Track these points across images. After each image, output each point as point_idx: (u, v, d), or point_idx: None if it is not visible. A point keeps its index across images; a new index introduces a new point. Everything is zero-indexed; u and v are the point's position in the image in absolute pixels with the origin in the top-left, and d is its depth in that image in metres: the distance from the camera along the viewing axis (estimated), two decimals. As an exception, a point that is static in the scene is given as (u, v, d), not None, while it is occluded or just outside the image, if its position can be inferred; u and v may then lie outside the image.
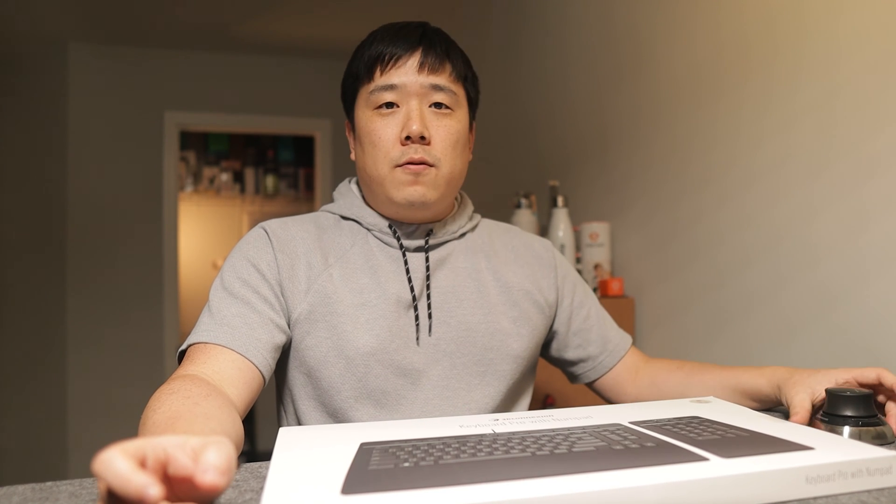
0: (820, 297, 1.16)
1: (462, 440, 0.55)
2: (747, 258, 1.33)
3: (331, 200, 0.97)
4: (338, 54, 3.68)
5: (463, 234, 0.92)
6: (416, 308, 0.84)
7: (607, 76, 1.83)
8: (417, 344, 0.84)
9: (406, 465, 0.48)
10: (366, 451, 0.53)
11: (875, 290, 1.06)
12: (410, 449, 0.53)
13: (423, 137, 0.81)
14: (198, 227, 4.53)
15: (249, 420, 4.21)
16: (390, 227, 0.87)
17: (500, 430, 0.59)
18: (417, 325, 0.84)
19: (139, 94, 3.52)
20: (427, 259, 0.87)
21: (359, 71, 0.86)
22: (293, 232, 0.86)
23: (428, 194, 0.83)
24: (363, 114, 0.85)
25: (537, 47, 2.28)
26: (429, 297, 0.85)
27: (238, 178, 4.55)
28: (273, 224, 0.87)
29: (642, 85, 1.67)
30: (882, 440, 0.64)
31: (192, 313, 4.21)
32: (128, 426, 3.22)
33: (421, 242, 0.87)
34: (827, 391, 0.67)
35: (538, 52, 2.27)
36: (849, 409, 0.65)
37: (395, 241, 0.87)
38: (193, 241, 4.49)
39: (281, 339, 0.80)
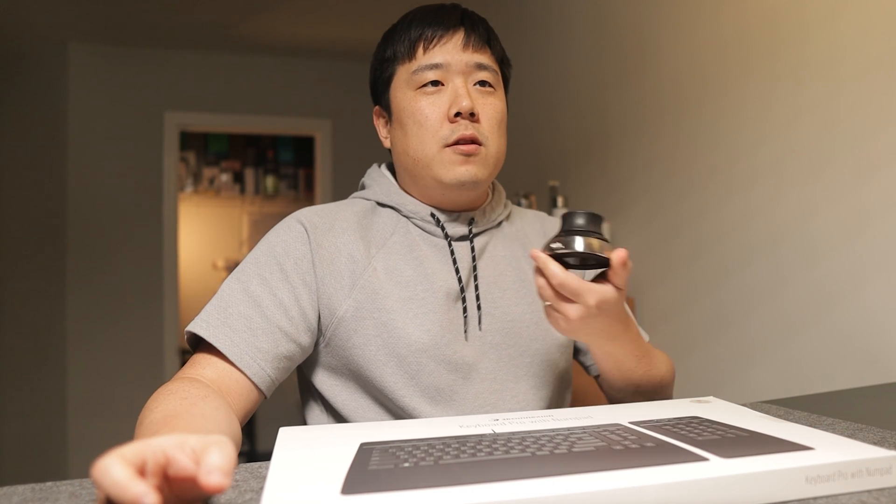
0: (820, 295, 1.16)
1: (462, 440, 0.55)
2: (748, 257, 1.33)
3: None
4: (338, 54, 3.68)
5: (499, 223, 0.90)
6: (464, 300, 0.81)
7: (608, 75, 1.83)
8: (465, 337, 0.81)
9: (406, 465, 0.48)
10: (366, 451, 0.53)
11: (875, 290, 1.06)
12: (410, 449, 0.53)
13: (472, 114, 0.78)
14: (198, 227, 4.52)
15: (249, 420, 4.21)
16: (433, 215, 0.83)
17: (499, 430, 0.59)
18: (466, 317, 0.81)
19: (139, 94, 3.52)
20: (473, 249, 0.83)
21: (396, 52, 0.82)
22: (332, 221, 0.82)
23: (479, 173, 0.79)
24: (404, 95, 0.81)
25: (538, 46, 2.28)
26: (476, 287, 0.82)
27: (238, 178, 4.55)
28: (309, 214, 0.82)
29: (642, 85, 1.67)
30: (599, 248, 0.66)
31: (192, 313, 4.19)
32: (128, 426, 3.18)
33: (465, 231, 0.84)
34: (562, 214, 0.70)
35: (539, 52, 2.27)
36: (581, 221, 0.68)
37: (438, 230, 0.83)
38: (193, 241, 4.49)
39: (288, 348, 0.75)
